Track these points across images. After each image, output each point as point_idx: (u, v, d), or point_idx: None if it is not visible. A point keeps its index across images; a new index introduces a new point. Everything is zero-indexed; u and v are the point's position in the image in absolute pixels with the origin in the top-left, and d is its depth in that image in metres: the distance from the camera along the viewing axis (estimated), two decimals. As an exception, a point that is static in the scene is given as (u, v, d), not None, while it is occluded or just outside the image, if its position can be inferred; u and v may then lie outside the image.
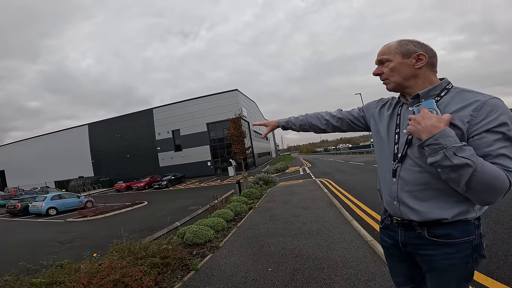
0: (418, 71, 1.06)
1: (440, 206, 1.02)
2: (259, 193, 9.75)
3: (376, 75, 1.18)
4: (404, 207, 1.09)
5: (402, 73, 1.08)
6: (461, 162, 0.86)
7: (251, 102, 44.67)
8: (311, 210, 6.15)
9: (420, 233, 1.08)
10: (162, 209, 11.87)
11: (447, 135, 0.90)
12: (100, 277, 2.97)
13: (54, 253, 5.95)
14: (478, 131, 0.92)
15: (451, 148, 0.88)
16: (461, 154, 0.86)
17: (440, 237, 1.04)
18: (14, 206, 16.32)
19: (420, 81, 1.07)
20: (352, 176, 13.09)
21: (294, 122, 1.61)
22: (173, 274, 3.46)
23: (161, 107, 36.99)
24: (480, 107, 0.93)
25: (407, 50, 1.07)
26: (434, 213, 1.03)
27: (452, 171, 0.89)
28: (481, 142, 0.91)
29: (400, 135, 1.12)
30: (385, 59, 1.12)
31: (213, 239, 4.76)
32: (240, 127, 14.98)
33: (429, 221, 1.04)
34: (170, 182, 25.93)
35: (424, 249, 1.09)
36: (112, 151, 38.30)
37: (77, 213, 13.18)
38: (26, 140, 46.86)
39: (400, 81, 1.10)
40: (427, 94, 1.06)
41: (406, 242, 1.15)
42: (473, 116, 0.93)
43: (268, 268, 3.30)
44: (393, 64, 1.09)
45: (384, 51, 1.13)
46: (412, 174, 1.06)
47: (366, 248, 3.51)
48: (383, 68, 1.13)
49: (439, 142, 0.90)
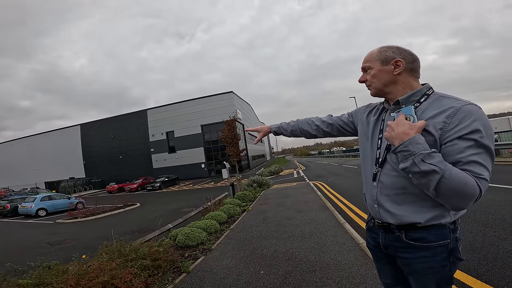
0: (398, 77, 1.08)
1: (415, 210, 1.04)
2: (253, 196, 9.73)
3: (361, 82, 1.21)
4: (383, 210, 1.13)
5: (381, 80, 1.11)
6: (428, 168, 0.88)
7: (246, 105, 44.70)
8: (304, 213, 6.15)
9: (398, 236, 1.11)
10: (155, 211, 11.74)
11: (416, 142, 0.92)
12: (89, 278, 2.92)
13: (42, 255, 5.82)
14: (450, 138, 0.93)
15: (419, 155, 0.90)
16: (429, 160, 0.89)
17: (416, 240, 1.06)
18: (3, 207, 16.01)
19: (400, 87, 1.09)
20: (345, 179, 13.15)
21: (285, 128, 1.64)
22: (164, 277, 3.42)
23: (156, 108, 36.75)
24: (453, 114, 0.94)
25: (386, 57, 1.10)
26: (408, 217, 1.05)
27: (421, 176, 0.91)
28: (453, 148, 0.93)
29: (382, 140, 1.15)
30: (367, 66, 1.16)
31: (205, 242, 4.73)
32: (234, 129, 15.02)
33: (405, 224, 1.07)
34: (164, 184, 25.70)
35: (403, 252, 1.12)
36: (104, 152, 37.87)
37: (67, 215, 12.97)
38: (17, 140, 46.06)
39: (380, 87, 1.13)
40: (407, 100, 1.08)
41: (386, 244, 1.18)
42: (446, 123, 0.95)
43: (260, 270, 3.28)
44: (374, 71, 1.13)
45: (366, 59, 1.17)
46: (390, 178, 1.09)
47: (358, 250, 3.52)
48: (366, 75, 1.17)
49: (408, 149, 0.93)
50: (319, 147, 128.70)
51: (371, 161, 1.19)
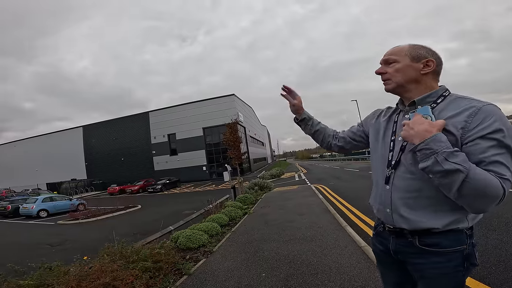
0: (423, 76, 1.06)
1: (432, 215, 1.00)
2: (254, 199, 9.71)
3: (378, 74, 1.17)
4: (396, 215, 1.08)
5: (406, 76, 1.08)
6: (452, 167, 0.85)
7: (247, 107, 44.79)
8: (306, 216, 6.13)
9: (411, 242, 1.07)
10: (156, 213, 11.75)
11: (439, 140, 0.89)
12: (90, 280, 2.91)
13: (43, 256, 5.81)
14: (472, 137, 0.91)
15: (442, 153, 0.87)
16: (453, 159, 0.86)
17: (430, 246, 1.03)
18: (5, 208, 16.08)
19: (422, 87, 1.07)
20: (347, 183, 13.12)
21: (315, 124, 1.56)
22: (165, 279, 3.41)
23: (157, 111, 36.89)
24: (474, 113, 0.92)
25: (418, 55, 1.07)
26: (424, 222, 1.01)
27: (443, 176, 0.88)
28: (475, 148, 0.90)
29: (396, 142, 1.12)
30: (393, 59, 1.11)
31: (207, 244, 4.71)
32: (236, 132, 15.05)
33: (419, 230, 1.03)
34: (165, 186, 25.70)
35: (415, 257, 1.08)
36: (106, 154, 38.00)
37: (68, 216, 12.98)
38: (19, 141, 46.30)
39: (402, 83, 1.09)
40: (423, 101, 1.06)
41: (397, 250, 1.14)
42: (467, 122, 0.92)
43: (262, 273, 3.27)
44: (400, 65, 1.08)
45: (393, 52, 1.12)
46: (405, 181, 1.06)
47: (360, 254, 3.50)
48: (388, 68, 1.12)
49: (430, 147, 0.89)
50: (321, 150, 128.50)
51: (383, 164, 1.16)
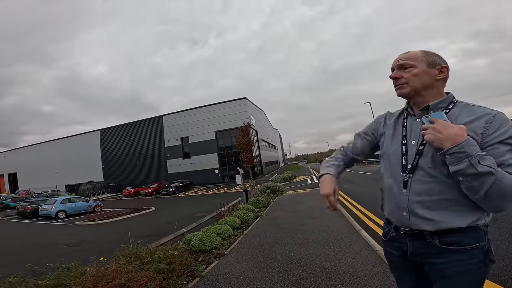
0: (437, 82, 1.10)
1: (454, 215, 1.02)
2: (266, 202, 9.69)
3: (393, 78, 1.17)
4: (415, 217, 1.08)
5: (423, 81, 1.10)
6: (485, 170, 0.89)
7: (259, 111, 44.85)
8: (319, 219, 6.06)
9: (430, 242, 1.08)
10: (169, 215, 11.89)
11: (472, 143, 0.93)
12: (106, 281, 2.97)
13: (61, 256, 5.98)
14: (491, 142, 0.96)
15: (476, 156, 0.90)
16: (485, 162, 0.90)
17: (451, 244, 1.04)
18: (24, 208, 16.53)
19: (435, 92, 1.11)
20: (360, 186, 12.90)
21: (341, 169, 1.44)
22: (178, 280, 3.44)
23: (171, 114, 37.46)
24: (491, 120, 0.98)
25: (433, 61, 1.10)
26: (448, 222, 1.03)
27: (475, 179, 0.91)
28: (495, 152, 0.94)
29: (408, 146, 1.14)
30: (409, 64, 1.13)
31: (219, 246, 4.73)
32: (248, 135, 15.10)
33: (441, 230, 1.04)
34: (178, 189, 26.01)
35: (435, 257, 1.08)
36: (122, 157, 38.80)
37: (85, 217, 13.29)
38: (40, 144, 47.98)
39: (418, 88, 1.11)
40: (436, 106, 1.10)
41: (415, 252, 1.14)
42: (486, 128, 0.97)
43: (274, 276, 3.25)
44: (417, 70, 1.10)
45: (409, 57, 1.14)
46: (424, 184, 1.07)
47: (375, 257, 3.43)
48: (404, 72, 1.14)
49: (464, 151, 0.92)
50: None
51: (397, 169, 1.16)
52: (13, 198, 26.00)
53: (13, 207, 20.66)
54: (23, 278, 3.08)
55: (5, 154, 52.19)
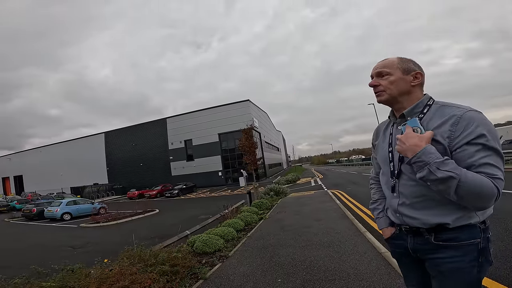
0: (412, 88, 1.15)
1: (440, 213, 1.07)
2: (270, 204, 9.66)
3: (371, 86, 1.22)
4: (406, 218, 1.16)
5: (399, 88, 1.15)
6: (444, 175, 0.93)
7: (262, 113, 44.87)
8: (323, 222, 6.03)
9: (427, 239, 1.12)
10: (173, 218, 11.92)
11: (428, 152, 0.98)
12: (110, 283, 2.98)
13: (65, 258, 6.01)
14: (459, 144, 0.99)
15: (434, 163, 0.95)
16: (444, 168, 0.94)
17: (446, 240, 1.07)
18: (30, 210, 16.67)
19: (411, 98, 1.15)
20: (365, 188, 12.80)
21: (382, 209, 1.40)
22: (181, 283, 3.44)
23: (175, 117, 37.64)
24: (457, 122, 1.00)
25: (408, 67, 1.15)
26: (434, 219, 1.07)
27: (439, 184, 0.96)
28: (464, 154, 0.98)
29: (394, 153, 1.20)
30: (386, 72, 1.17)
31: (222, 249, 4.72)
32: (251, 138, 15.11)
33: (434, 226, 1.08)
34: (181, 191, 26.10)
35: (432, 253, 1.11)
36: (126, 159, 39.04)
37: (90, 219, 13.40)
38: (45, 147, 48.49)
39: (395, 95, 1.16)
40: (411, 112, 1.15)
41: (415, 248, 1.18)
42: (452, 131, 1.00)
43: (277, 279, 3.23)
44: (394, 78, 1.15)
45: (385, 65, 1.18)
46: (409, 188, 1.13)
47: (380, 260, 3.39)
48: (381, 80, 1.18)
49: (422, 160, 0.98)
50: (337, 155, 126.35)
51: (387, 174, 1.25)
52: (19, 200, 26.33)
53: (19, 209, 20.84)
54: (27, 280, 3.10)
55: (11, 157, 52.78)
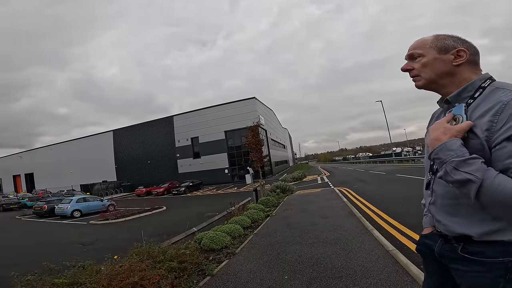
0: (456, 68, 0.96)
1: (469, 222, 0.93)
2: (276, 201, 9.68)
3: (404, 71, 1.08)
4: (435, 220, 1.06)
5: (435, 70, 0.98)
6: (462, 177, 0.79)
7: (268, 110, 44.78)
8: (330, 219, 6.01)
9: (455, 248, 1.01)
10: (180, 215, 12.04)
11: (448, 148, 0.84)
12: (120, 279, 3.03)
13: (76, 254, 6.13)
14: (499, 140, 0.80)
15: (451, 162, 0.82)
16: (464, 168, 0.79)
17: (473, 254, 0.95)
18: (41, 208, 17.04)
19: (457, 80, 0.97)
20: (373, 186, 12.71)
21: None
22: (189, 279, 3.48)
23: (181, 115, 37.86)
24: (500, 110, 0.81)
25: (445, 45, 0.97)
26: (458, 228, 0.95)
27: (459, 187, 0.82)
28: (502, 153, 0.79)
29: None
30: (417, 53, 1.02)
31: (229, 246, 4.76)
32: (258, 135, 15.07)
33: (460, 236, 0.97)
34: (188, 188, 26.29)
35: (456, 263, 1.02)
36: (134, 157, 39.48)
37: (99, 216, 13.61)
38: (55, 145, 49.36)
39: (432, 78, 1.00)
40: (458, 97, 0.96)
41: (441, 253, 1.09)
42: (493, 122, 0.82)
43: (284, 275, 3.24)
44: (426, 59, 0.99)
45: (416, 45, 1.04)
46: (442, 187, 0.99)
47: (388, 257, 3.38)
48: (414, 63, 1.04)
49: (438, 157, 0.86)
50: (343, 153, 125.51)
51: (427, 169, 1.11)
52: (30, 198, 26.94)
53: (30, 206, 21.31)
54: (40, 277, 3.15)
55: (22, 155, 53.93)
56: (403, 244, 4.05)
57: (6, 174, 54.39)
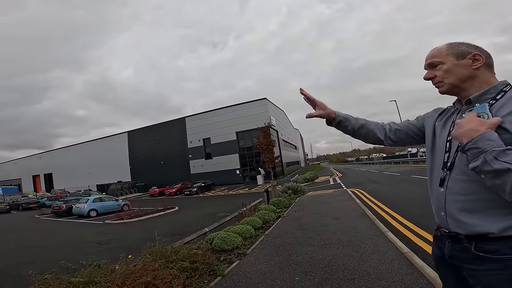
0: (476, 71, 1.02)
1: (489, 218, 0.93)
2: (288, 202, 9.63)
3: (427, 79, 1.13)
4: (450, 218, 1.04)
5: (458, 75, 1.04)
6: (502, 167, 0.80)
7: (279, 111, 44.65)
8: (342, 220, 5.93)
9: (466, 247, 1.00)
10: (192, 215, 12.16)
11: (487, 138, 0.85)
12: (134, 278, 3.08)
13: (92, 253, 6.28)
14: None
15: (491, 152, 0.83)
16: (503, 158, 0.81)
17: (487, 252, 0.95)
18: (59, 207, 17.52)
19: (477, 83, 1.02)
20: (387, 187, 12.45)
21: (352, 123, 1.37)
22: (200, 279, 3.51)
23: (193, 116, 38.28)
24: None
25: (461, 51, 1.04)
26: (479, 226, 0.95)
27: (495, 177, 0.83)
28: None
29: (452, 143, 1.07)
30: (437, 61, 1.08)
31: (240, 246, 4.77)
32: (269, 136, 15.07)
33: (475, 235, 0.96)
34: (200, 189, 26.51)
35: (469, 263, 1.01)
36: (148, 158, 40.20)
37: (114, 216, 13.89)
38: (74, 146, 50.90)
39: (455, 83, 1.05)
40: (480, 98, 1.01)
41: (452, 254, 1.09)
42: None
43: (295, 277, 3.22)
44: (447, 66, 1.05)
45: (434, 54, 1.09)
46: (459, 183, 1.00)
47: (402, 260, 3.30)
48: (435, 71, 1.09)
49: (477, 146, 0.86)
50: (356, 154, 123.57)
51: (438, 166, 1.12)
52: (49, 197, 27.83)
53: (49, 205, 21.89)
54: (57, 275, 3.23)
55: (41, 156, 55.88)
56: (418, 246, 3.95)
57: (26, 174, 56.54)
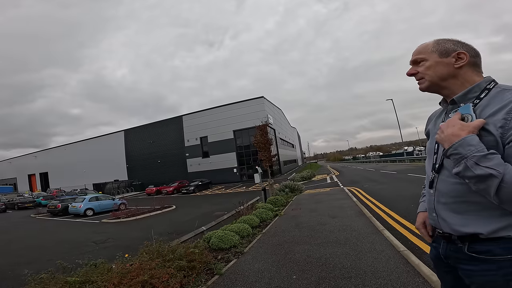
0: (458, 70, 1.00)
1: (478, 220, 0.93)
2: (285, 201, 9.65)
3: (410, 75, 1.13)
4: (440, 219, 1.04)
5: (438, 72, 1.03)
6: (484, 172, 0.80)
7: (277, 109, 44.66)
8: (339, 219, 5.95)
9: (460, 248, 1.01)
10: (189, 214, 12.15)
11: (468, 143, 0.84)
12: (130, 277, 3.07)
13: (88, 253, 6.26)
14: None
15: (472, 157, 0.82)
16: (485, 163, 0.80)
17: (480, 253, 0.95)
18: (55, 206, 17.37)
19: (459, 82, 1.01)
20: (383, 185, 12.52)
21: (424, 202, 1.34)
22: (197, 278, 3.50)
23: (190, 114, 38.16)
24: None
25: (445, 49, 1.02)
26: (467, 227, 0.95)
27: (478, 182, 0.82)
28: None
29: (440, 145, 1.06)
30: (420, 58, 1.07)
31: (238, 245, 4.77)
32: (266, 134, 15.05)
33: (466, 235, 0.97)
34: (197, 187, 26.49)
35: (464, 263, 1.01)
36: (144, 157, 40.03)
37: (111, 215, 13.84)
38: (70, 145, 50.48)
39: (435, 80, 1.05)
40: (464, 98, 1.00)
41: (447, 255, 1.09)
42: (507, 120, 0.84)
43: (292, 275, 3.23)
44: (429, 63, 1.05)
45: (419, 51, 1.09)
46: (448, 185, 1.00)
47: (399, 258, 3.32)
48: (418, 67, 1.09)
49: (458, 152, 0.85)
50: (353, 152, 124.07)
51: (429, 167, 1.12)
52: (45, 196, 27.62)
53: (45, 205, 21.72)
54: (53, 275, 3.20)
55: (37, 155, 55.43)
56: (415, 244, 3.97)
57: (22, 173, 56.03)
